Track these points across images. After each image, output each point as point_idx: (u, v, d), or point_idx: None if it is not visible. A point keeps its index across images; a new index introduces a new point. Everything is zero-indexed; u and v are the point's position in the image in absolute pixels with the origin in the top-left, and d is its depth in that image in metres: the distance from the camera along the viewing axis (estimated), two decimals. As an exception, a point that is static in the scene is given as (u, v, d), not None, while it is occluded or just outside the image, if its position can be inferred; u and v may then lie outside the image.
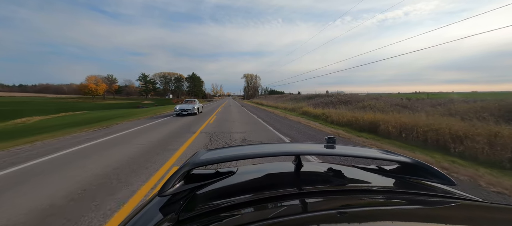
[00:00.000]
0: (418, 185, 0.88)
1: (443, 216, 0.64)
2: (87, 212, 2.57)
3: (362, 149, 1.17)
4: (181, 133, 8.40)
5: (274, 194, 0.78)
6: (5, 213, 2.59)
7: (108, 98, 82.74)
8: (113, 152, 5.46)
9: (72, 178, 3.70)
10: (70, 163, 4.61)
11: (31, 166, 4.45)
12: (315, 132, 8.87)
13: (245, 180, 0.99)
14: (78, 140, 7.39)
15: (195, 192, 0.82)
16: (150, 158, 4.86)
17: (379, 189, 0.86)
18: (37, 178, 3.73)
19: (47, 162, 4.75)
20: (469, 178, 3.76)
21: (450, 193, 0.81)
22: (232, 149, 1.05)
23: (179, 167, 0.80)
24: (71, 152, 5.61)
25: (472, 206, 0.73)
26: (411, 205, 0.71)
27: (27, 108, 34.95)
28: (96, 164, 4.48)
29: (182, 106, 17.23)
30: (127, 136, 7.98)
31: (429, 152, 5.93)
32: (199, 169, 0.96)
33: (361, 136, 8.07)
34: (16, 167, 4.40)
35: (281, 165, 1.18)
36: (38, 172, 4.08)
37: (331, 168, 1.06)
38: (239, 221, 0.61)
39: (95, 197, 2.94)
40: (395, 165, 1.04)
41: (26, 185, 3.45)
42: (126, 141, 6.88)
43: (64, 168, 4.26)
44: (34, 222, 2.41)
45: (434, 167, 0.90)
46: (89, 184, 3.39)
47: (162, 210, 0.73)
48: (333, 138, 1.05)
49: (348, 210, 0.65)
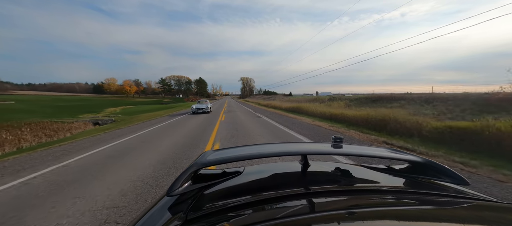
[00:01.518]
0: (429, 185, 0.83)
1: (455, 217, 0.60)
2: (204, 132, 8.88)
3: (371, 148, 1.09)
4: (211, 117, 15.39)
5: (281, 194, 0.75)
6: (174, 136, 10.89)
7: (136, 97, 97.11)
8: (192, 121, 13.26)
9: (192, 123, 11.85)
10: (185, 121, 12.77)
11: (167, 124, 12.50)
12: (265, 110, 17.15)
13: (252, 180, 0.95)
14: (171, 117, 15.65)
15: (202, 191, 0.79)
16: (208, 123, 11.97)
17: (388, 189, 0.80)
18: (172, 128, 11.84)
19: (173, 123, 12.92)
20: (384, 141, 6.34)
21: (463, 193, 0.75)
22: (238, 149, 1.00)
23: (186, 167, 0.78)
24: (177, 120, 13.70)
25: (486, 206, 0.68)
26: (422, 206, 0.67)
27: (90, 104, 48.36)
28: (192, 122, 12.55)
29: (198, 105, 18.48)
30: (187, 117, 15.83)
31: (369, 131, 8.55)
32: (206, 169, 0.92)
33: (286, 114, 15.72)
34: (163, 123, 12.50)
35: (287, 165, 1.14)
36: (173, 125, 12.44)
37: (339, 168, 1.01)
38: (247, 221, 0.59)
39: (205, 128, 10.67)
40: (405, 165, 0.98)
41: (173, 128, 11.35)
42: (191, 118, 14.67)
43: (184, 123, 12.36)
44: (189, 135, 10.72)
45: (446, 166, 0.84)
46: (198, 125, 11.39)
47: (171, 210, 0.72)
48: (340, 137, 1.01)
49: (357, 210, 0.62)
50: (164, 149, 5.81)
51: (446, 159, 4.64)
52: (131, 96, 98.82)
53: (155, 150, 5.82)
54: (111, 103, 53.95)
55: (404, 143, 6.26)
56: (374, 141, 6.64)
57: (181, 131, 9.47)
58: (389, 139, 6.81)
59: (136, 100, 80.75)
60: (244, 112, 18.89)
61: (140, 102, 65.04)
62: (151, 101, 74.50)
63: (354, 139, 6.99)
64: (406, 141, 6.58)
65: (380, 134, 7.88)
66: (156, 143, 6.71)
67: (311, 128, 9.43)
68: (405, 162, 0.94)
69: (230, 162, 0.82)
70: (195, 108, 17.92)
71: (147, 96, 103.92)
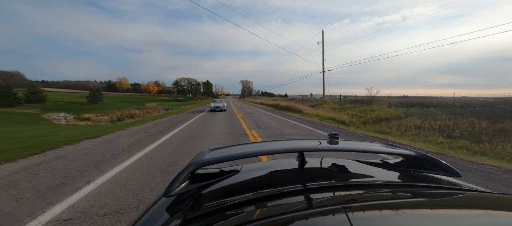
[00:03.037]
0: (423, 177, 0.82)
1: (449, 208, 0.60)
2: (231, 115, 16.18)
3: (366, 144, 1.07)
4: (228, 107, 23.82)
5: (278, 191, 0.73)
6: (220, 113, 19.58)
7: (156, 96, 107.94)
8: (219, 114, 22.67)
9: (229, 110, 21.55)
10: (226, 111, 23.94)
11: (207, 111, 20.43)
12: (252, 103, 26.65)
13: (250, 178, 0.92)
14: (202, 108, 24.52)
15: (200, 191, 0.77)
16: (228, 107, 21.48)
17: (383, 183, 0.80)
18: (212, 111, 20.77)
19: (209, 109, 22.18)
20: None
21: (455, 185, 0.75)
22: (236, 148, 0.96)
23: (184, 167, 0.74)
24: (208, 109, 23.14)
25: (478, 197, 0.68)
26: (416, 198, 0.66)
27: (129, 100, 60.69)
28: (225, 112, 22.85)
29: (215, 104, 19.21)
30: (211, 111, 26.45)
31: (284, 112, 21.21)
32: (203, 168, 0.90)
33: (276, 110, 25.87)
34: (204, 111, 20.44)
35: (285, 162, 1.11)
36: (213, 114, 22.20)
37: (335, 163, 0.99)
38: (245, 219, 0.57)
39: (229, 107, 19.93)
40: (399, 159, 0.97)
41: (211, 115, 18.24)
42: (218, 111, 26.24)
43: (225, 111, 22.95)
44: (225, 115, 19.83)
45: (439, 159, 0.83)
46: (226, 115, 20.00)
47: (169, 210, 0.69)
48: (336, 133, 0.99)
49: (353, 205, 0.60)
50: (220, 119, 13.75)
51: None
52: (153, 95, 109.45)
53: (217, 119, 12.27)
54: (144, 100, 63.79)
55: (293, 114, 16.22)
56: (273, 111, 16.64)
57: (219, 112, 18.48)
58: (289, 113, 16.51)
59: (158, 98, 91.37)
60: (238, 102, 28.73)
61: (162, 99, 75.76)
62: (169, 99, 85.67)
63: (269, 110, 16.95)
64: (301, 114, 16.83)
65: (285, 112, 17.80)
66: (216, 117, 13.58)
67: (262, 107, 19.65)
68: (400, 156, 0.93)
69: (227, 160, 0.78)
70: (213, 107, 18.87)
71: (163, 95, 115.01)
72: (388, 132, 9.25)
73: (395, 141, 7.12)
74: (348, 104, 18.70)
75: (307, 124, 11.09)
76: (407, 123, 9.90)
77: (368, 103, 16.89)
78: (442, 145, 6.55)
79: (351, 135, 8.31)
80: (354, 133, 8.64)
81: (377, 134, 8.48)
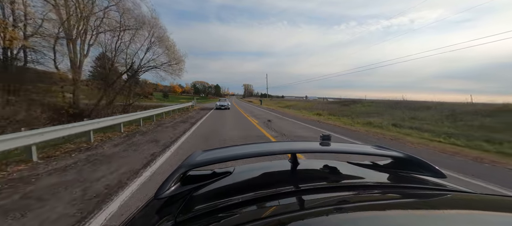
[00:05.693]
0: (410, 178, 0.83)
1: (436, 208, 0.60)
2: (252, 108, 26.29)
3: (357, 146, 1.05)
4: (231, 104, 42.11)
5: (271, 192, 0.71)
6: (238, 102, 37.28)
7: (180, 95, 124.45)
8: (231, 99, 39.36)
9: (233, 99, 38.90)
10: (230, 100, 41.56)
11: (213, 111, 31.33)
12: (247, 103, 48.73)
13: (242, 179, 0.90)
14: None
15: (192, 193, 0.74)
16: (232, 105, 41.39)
17: (374, 184, 0.80)
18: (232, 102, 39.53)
19: None
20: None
21: (441, 186, 0.76)
22: (228, 149, 0.95)
23: (174, 169, 0.72)
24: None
25: (463, 197, 0.69)
26: (405, 199, 0.66)
27: (173, 98, 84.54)
28: (232, 99, 40.21)
29: (220, 103, 20.23)
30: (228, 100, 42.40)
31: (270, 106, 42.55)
32: (195, 170, 0.85)
33: (256, 104, 46.82)
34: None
35: (277, 163, 1.10)
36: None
37: (327, 165, 0.97)
38: (237, 221, 0.56)
39: (232, 106, 39.01)
40: (388, 160, 0.97)
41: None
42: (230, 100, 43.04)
43: (230, 100, 41.97)
44: None
45: (426, 160, 0.84)
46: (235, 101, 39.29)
47: (159, 213, 0.68)
48: (328, 135, 0.98)
49: (344, 206, 0.60)
50: (244, 106, 33.07)
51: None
52: (179, 94, 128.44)
53: (241, 105, 33.42)
54: (175, 99, 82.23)
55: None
56: (253, 104, 39.13)
57: (236, 101, 38.13)
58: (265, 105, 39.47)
59: (183, 97, 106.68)
60: (238, 101, 49.13)
61: (188, 97, 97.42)
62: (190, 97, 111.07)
63: (251, 104, 39.47)
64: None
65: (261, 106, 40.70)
66: (238, 105, 33.38)
67: (252, 105, 40.59)
68: (389, 158, 0.93)
69: (219, 162, 0.77)
70: (218, 105, 19.82)
71: (184, 95, 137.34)
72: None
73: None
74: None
75: (258, 108, 28.72)
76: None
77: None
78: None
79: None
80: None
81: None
